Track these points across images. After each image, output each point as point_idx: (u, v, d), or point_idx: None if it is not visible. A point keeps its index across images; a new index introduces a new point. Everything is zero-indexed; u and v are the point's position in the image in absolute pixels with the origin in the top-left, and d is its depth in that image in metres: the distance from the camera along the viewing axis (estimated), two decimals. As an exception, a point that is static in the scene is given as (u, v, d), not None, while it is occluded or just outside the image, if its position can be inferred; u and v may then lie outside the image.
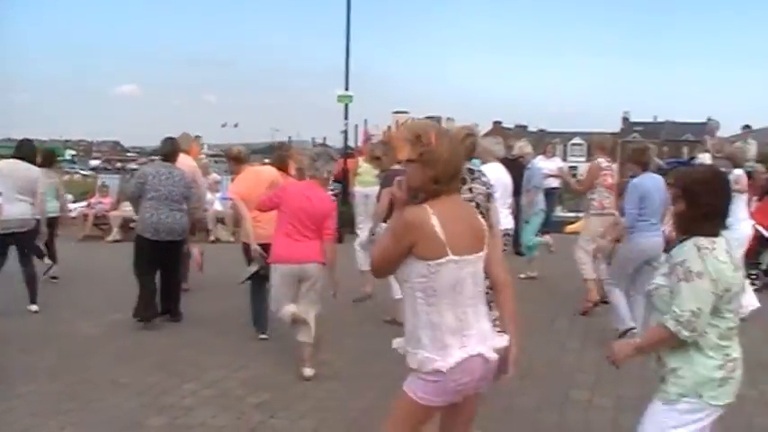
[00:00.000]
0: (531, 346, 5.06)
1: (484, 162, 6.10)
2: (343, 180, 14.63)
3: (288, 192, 6.01)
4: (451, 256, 2.85)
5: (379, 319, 7.48)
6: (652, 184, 6.74)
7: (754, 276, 9.62)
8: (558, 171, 14.14)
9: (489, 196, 5.00)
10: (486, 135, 73.99)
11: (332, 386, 5.69)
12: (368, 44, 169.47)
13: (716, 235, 2.98)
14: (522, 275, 10.06)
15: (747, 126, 15.45)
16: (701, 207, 2.98)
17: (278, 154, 8.01)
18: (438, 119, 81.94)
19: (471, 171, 4.74)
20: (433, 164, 2.91)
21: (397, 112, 79.91)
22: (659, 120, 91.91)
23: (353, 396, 5.46)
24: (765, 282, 9.71)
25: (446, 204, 2.93)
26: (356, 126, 25.58)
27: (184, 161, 8.17)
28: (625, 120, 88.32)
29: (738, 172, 8.48)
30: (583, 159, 72.87)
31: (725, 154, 9.27)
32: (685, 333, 2.86)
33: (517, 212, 9.11)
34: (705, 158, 13.88)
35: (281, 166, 7.55)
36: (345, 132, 18.47)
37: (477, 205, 5.39)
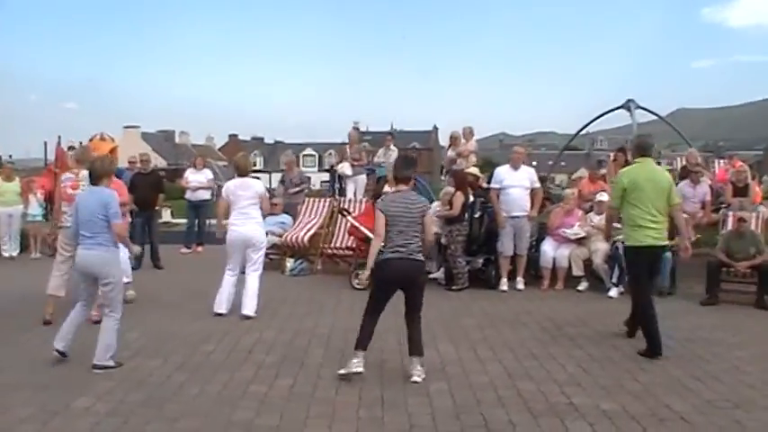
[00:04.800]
0: None
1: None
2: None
3: None
4: None
5: None
6: (83, 197, 6.53)
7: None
8: (208, 183, 14.16)
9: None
10: (222, 148, 72.50)
11: None
12: (96, 55, 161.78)
13: None
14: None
15: (390, 133, 16.48)
16: None
17: None
18: (171, 133, 79.40)
19: None
20: None
21: (127, 127, 76.37)
22: (397, 128, 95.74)
23: None
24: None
25: None
26: (45, 143, 24.02)
27: None
28: (355, 129, 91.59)
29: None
30: (315, 170, 74.90)
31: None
32: None
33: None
34: (345, 167, 14.60)
35: None
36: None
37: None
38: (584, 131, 31.68)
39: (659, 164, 9.25)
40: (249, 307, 8.15)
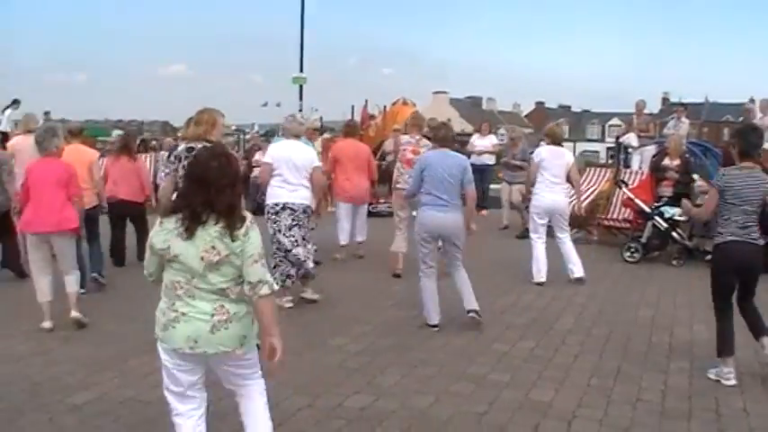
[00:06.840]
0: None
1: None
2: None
3: None
4: None
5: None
6: (436, 159, 6.52)
7: (634, 249, 9.92)
8: (493, 148, 14.55)
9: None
10: (528, 115, 73.00)
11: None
12: (410, 24, 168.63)
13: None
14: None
15: (683, 104, 15.57)
16: None
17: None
18: (479, 99, 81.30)
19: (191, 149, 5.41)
20: None
21: (437, 93, 79.16)
22: (710, 100, 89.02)
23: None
24: (644, 254, 9.94)
25: None
26: (352, 107, 26.09)
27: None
28: (665, 100, 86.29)
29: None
30: (620, 139, 71.76)
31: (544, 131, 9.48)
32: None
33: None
34: (631, 138, 14.16)
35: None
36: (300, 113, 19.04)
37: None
38: None
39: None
40: (577, 270, 8.47)
